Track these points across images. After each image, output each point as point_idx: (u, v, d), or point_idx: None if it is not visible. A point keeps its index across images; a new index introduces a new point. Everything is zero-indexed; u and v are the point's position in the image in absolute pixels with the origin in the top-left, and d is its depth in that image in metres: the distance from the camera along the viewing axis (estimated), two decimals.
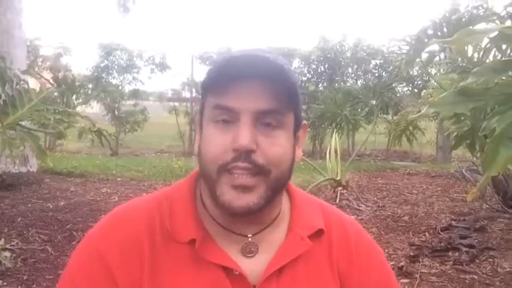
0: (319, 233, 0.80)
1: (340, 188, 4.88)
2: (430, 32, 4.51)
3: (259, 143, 0.69)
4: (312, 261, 0.78)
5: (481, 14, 5.08)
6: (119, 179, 5.98)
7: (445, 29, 5.32)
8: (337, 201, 4.68)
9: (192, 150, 9.19)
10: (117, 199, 4.79)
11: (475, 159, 5.44)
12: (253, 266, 0.75)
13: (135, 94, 9.85)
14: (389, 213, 4.43)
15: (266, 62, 0.69)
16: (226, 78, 0.69)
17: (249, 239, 0.76)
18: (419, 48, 4.39)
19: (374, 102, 5.29)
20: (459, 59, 4.08)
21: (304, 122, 0.80)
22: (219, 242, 0.76)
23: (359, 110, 5.89)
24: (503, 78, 1.82)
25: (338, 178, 4.88)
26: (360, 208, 4.61)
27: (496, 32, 1.82)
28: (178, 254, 0.74)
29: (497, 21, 4.97)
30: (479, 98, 1.83)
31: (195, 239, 0.74)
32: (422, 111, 1.90)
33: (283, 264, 0.76)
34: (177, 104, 10.24)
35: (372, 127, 6.41)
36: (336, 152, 4.97)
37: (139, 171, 6.43)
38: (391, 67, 8.91)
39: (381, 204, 4.85)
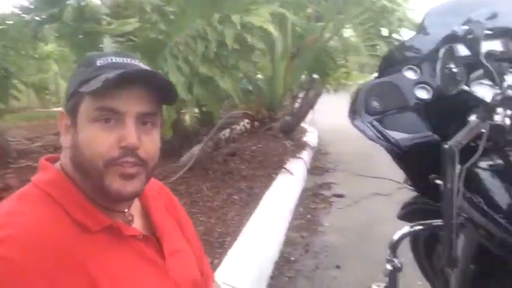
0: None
1: None
2: None
3: (142, 140, 0.80)
4: (161, 208, 1.04)
5: None
6: None
7: None
8: None
9: None
10: None
11: None
12: (139, 229, 0.89)
13: None
14: None
15: (146, 70, 0.83)
16: (112, 84, 0.76)
17: (126, 213, 0.88)
18: None
19: None
20: None
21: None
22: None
23: None
24: None
25: None
26: None
27: None
28: (102, 241, 0.80)
29: None
30: None
31: (111, 224, 0.81)
32: None
33: (162, 214, 0.96)
34: None
35: None
36: None
37: None
38: None
39: None
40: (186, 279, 0.93)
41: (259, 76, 4.28)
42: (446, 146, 0.96)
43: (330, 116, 6.86)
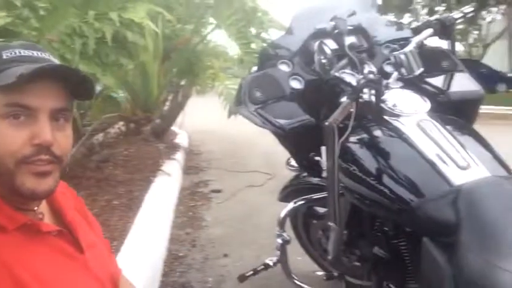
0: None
1: None
2: None
3: (56, 137, 0.78)
4: (70, 203, 1.03)
5: None
6: None
7: None
8: None
9: None
10: None
11: None
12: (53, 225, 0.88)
13: None
14: None
15: (63, 66, 0.83)
16: (23, 79, 0.73)
17: (36, 210, 0.87)
18: None
19: None
20: None
21: None
22: None
23: None
24: None
25: None
26: None
27: None
28: (18, 240, 0.79)
29: None
30: None
31: (26, 221, 0.80)
32: None
33: (72, 210, 0.96)
34: None
35: None
36: None
37: None
38: None
39: None
40: (105, 273, 0.94)
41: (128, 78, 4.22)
42: (326, 124, 1.16)
43: (198, 118, 7.03)
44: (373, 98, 1.31)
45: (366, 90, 1.32)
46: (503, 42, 24.75)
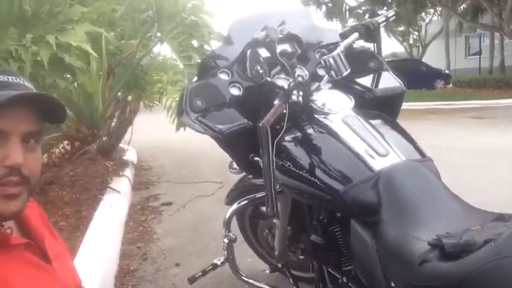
0: None
1: None
2: None
3: (26, 158, 0.80)
4: (37, 216, 1.04)
5: None
6: None
7: None
8: None
9: None
10: None
11: None
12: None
13: None
14: None
15: (40, 95, 0.84)
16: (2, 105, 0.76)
17: (4, 225, 0.87)
18: None
19: None
20: None
21: None
22: None
23: None
24: None
25: None
26: None
27: None
28: None
29: None
30: None
31: None
32: None
33: (38, 222, 0.98)
34: None
35: None
36: None
37: None
38: None
39: None
40: (71, 282, 0.97)
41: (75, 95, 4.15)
42: (260, 124, 1.24)
43: (148, 133, 6.98)
44: (301, 99, 1.41)
45: (295, 92, 1.42)
46: (440, 41, 26.17)
